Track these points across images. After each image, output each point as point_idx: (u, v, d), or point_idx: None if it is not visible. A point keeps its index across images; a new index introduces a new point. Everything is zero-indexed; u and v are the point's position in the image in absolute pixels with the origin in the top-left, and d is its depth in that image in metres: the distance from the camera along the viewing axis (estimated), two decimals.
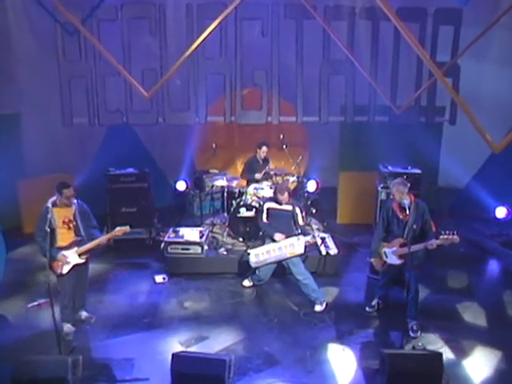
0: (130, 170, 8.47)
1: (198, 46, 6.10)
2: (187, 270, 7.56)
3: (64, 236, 5.92)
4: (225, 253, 7.61)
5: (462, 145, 9.47)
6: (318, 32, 8.52)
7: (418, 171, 7.28)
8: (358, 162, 9.44)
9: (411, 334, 6.04)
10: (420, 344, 5.94)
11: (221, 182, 8.17)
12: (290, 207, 6.79)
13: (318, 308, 6.65)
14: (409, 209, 5.84)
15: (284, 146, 8.16)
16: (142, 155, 9.49)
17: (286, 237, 6.68)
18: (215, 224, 8.49)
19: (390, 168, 7.39)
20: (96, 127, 8.93)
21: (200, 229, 7.81)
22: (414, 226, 5.90)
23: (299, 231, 6.76)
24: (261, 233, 7.26)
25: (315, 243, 6.79)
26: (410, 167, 7.43)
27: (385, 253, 6.12)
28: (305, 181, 8.77)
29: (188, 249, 7.50)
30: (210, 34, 6.03)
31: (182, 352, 5.45)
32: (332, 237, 7.92)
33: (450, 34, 8.68)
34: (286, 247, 6.61)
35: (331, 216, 9.58)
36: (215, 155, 8.28)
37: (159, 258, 7.89)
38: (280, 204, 6.81)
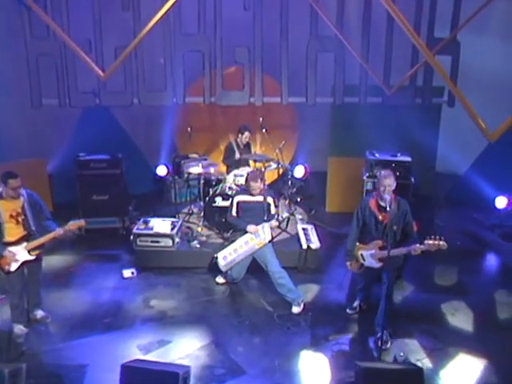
0: (102, 155, 7.92)
1: (158, 21, 5.44)
2: (157, 264, 7.06)
3: (12, 231, 5.44)
4: (198, 246, 7.09)
5: (461, 128, 8.73)
6: (305, 5, 7.81)
7: (408, 159, 6.64)
8: (349, 146, 8.81)
9: (381, 346, 5.47)
10: (401, 354, 5.39)
11: (196, 169, 7.60)
12: (261, 198, 6.23)
13: (295, 310, 6.12)
14: (389, 207, 5.23)
15: (264, 130, 7.53)
16: (120, 139, 8.93)
17: None
18: (192, 213, 7.95)
19: (377, 155, 6.74)
20: (72, 108, 8.35)
21: (172, 220, 7.28)
22: (395, 228, 5.30)
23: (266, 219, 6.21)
24: (230, 232, 6.71)
25: (280, 225, 6.23)
26: (399, 154, 6.78)
27: (362, 256, 5.53)
28: (289, 167, 8.15)
29: (158, 241, 6.99)
30: (171, 7, 5.37)
31: (133, 362, 4.96)
32: (315, 228, 7.34)
33: (449, 6, 7.89)
34: (252, 240, 6.09)
35: (320, 204, 9.00)
36: (191, 139, 7.68)
37: (131, 250, 7.34)
38: (252, 195, 6.25)
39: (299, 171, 8.91)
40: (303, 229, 7.24)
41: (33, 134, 8.60)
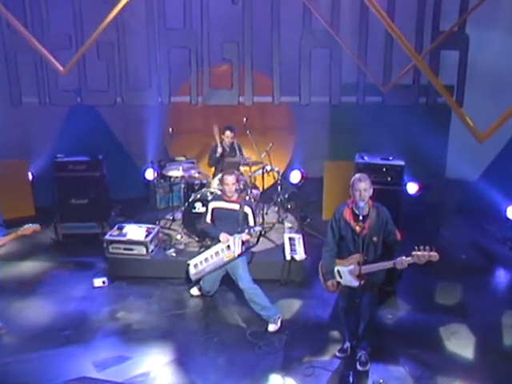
0: (82, 156, 7.53)
1: (117, 14, 4.98)
2: (130, 273, 6.59)
3: None
4: (174, 254, 6.58)
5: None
6: None
7: (401, 163, 5.98)
8: (350, 149, 8.14)
9: (358, 367, 4.86)
10: (381, 381, 4.76)
11: (175, 173, 7.10)
12: (236, 206, 5.68)
13: (271, 327, 5.54)
14: (365, 217, 4.61)
15: (248, 132, 6.98)
16: (108, 140, 8.57)
17: None
18: (173, 220, 7.46)
19: (366, 158, 6.11)
20: (59, 107, 8.01)
21: (148, 226, 6.80)
22: (375, 239, 4.70)
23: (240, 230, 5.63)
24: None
25: (249, 240, 5.61)
26: (391, 157, 6.13)
27: (338, 272, 4.85)
28: (279, 171, 7.56)
29: (131, 249, 6.52)
30: None
31: (77, 381, 4.50)
32: (303, 238, 6.74)
33: None
34: (222, 251, 5.55)
35: (317, 211, 8.38)
36: (173, 140, 7.21)
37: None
38: (228, 201, 5.72)
39: (295, 176, 8.32)
40: (290, 238, 6.66)
41: (15, 133, 8.30)
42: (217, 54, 7.52)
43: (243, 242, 5.48)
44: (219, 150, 7.28)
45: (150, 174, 8.48)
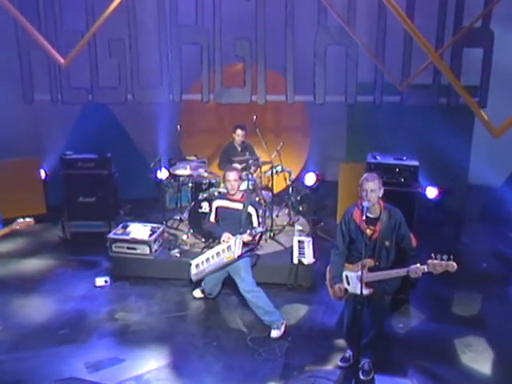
0: (91, 154, 7.44)
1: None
2: (133, 273, 6.43)
3: None
4: (178, 255, 6.38)
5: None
6: None
7: (415, 163, 5.65)
8: (366, 151, 7.80)
9: (361, 377, 4.56)
10: None
11: (183, 171, 6.92)
12: (240, 206, 5.44)
13: (274, 334, 5.28)
14: (376, 220, 4.31)
15: (257, 130, 6.74)
16: (119, 138, 8.45)
17: None
18: (182, 220, 7.28)
19: (378, 158, 5.80)
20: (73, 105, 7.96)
21: (154, 225, 6.63)
22: (387, 243, 4.39)
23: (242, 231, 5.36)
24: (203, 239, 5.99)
25: (253, 240, 5.34)
26: (405, 157, 5.80)
27: (347, 278, 4.54)
28: (291, 172, 7.29)
29: (134, 248, 6.35)
30: None
31: (65, 382, 4.33)
32: (313, 241, 6.45)
33: None
34: (223, 251, 5.31)
35: (331, 215, 8.06)
36: (183, 140, 7.03)
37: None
38: (231, 200, 5.49)
39: (310, 179, 8.04)
40: (299, 241, 6.38)
41: (29, 131, 8.28)
42: (229, 52, 7.35)
43: (244, 244, 5.23)
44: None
45: (162, 174, 8.30)
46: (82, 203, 7.39)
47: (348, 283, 4.53)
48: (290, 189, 7.26)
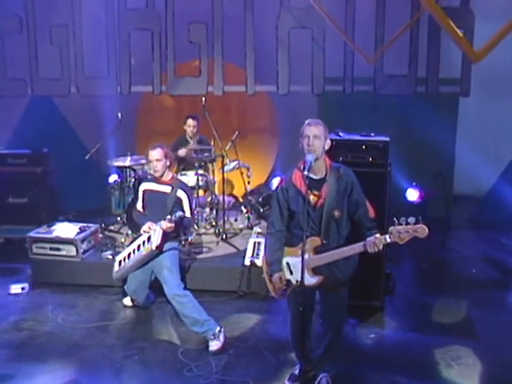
0: (24, 149, 6.55)
1: None
2: (57, 279, 5.42)
3: None
4: (110, 257, 5.38)
5: (486, 128, 6.87)
6: None
7: (385, 138, 4.77)
8: None
9: None
10: None
11: (121, 163, 6.01)
12: (167, 189, 4.51)
13: (213, 346, 4.24)
14: (320, 182, 3.40)
15: (206, 113, 5.86)
16: (64, 135, 7.28)
17: None
18: (125, 223, 6.29)
19: (341, 135, 4.92)
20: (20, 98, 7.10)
21: (85, 224, 5.67)
22: (336, 213, 3.40)
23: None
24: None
25: (174, 226, 4.30)
26: (373, 134, 4.93)
27: (288, 265, 3.53)
28: (249, 167, 6.36)
29: (58, 249, 5.37)
30: None
31: None
32: None
33: None
34: (144, 243, 4.34)
35: None
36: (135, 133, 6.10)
37: None
38: (159, 181, 4.57)
39: (276, 183, 7.11)
40: (255, 243, 5.42)
41: None
42: (183, 37, 6.61)
43: (165, 233, 4.26)
44: (180, 151, 6.14)
45: (113, 177, 7.33)
46: (11, 204, 6.43)
47: (290, 272, 3.51)
48: (248, 187, 6.31)
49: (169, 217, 4.29)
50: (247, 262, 5.19)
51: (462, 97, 6.59)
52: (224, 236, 5.84)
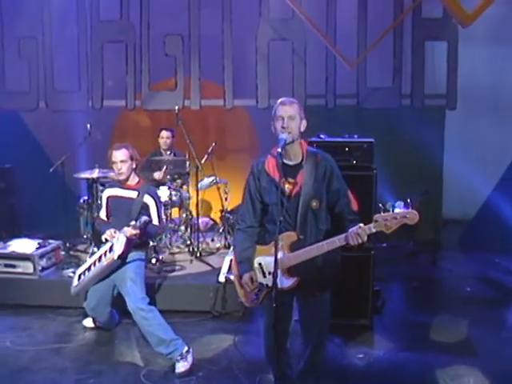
0: None
1: None
2: (11, 300, 4.83)
3: None
4: (72, 275, 4.86)
5: (476, 143, 6.57)
6: None
7: (370, 139, 4.45)
8: None
9: None
10: None
11: (87, 175, 5.56)
12: (133, 194, 4.09)
13: (180, 368, 3.73)
14: (296, 167, 3.01)
15: (179, 122, 5.49)
16: (32, 151, 6.74)
17: None
18: (92, 243, 5.78)
19: (322, 137, 4.59)
20: None
21: (46, 240, 5.19)
22: (314, 204, 2.96)
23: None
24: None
25: (139, 233, 3.84)
26: (356, 136, 4.61)
27: (261, 266, 3.05)
28: (226, 183, 5.97)
29: (13, 265, 4.86)
30: None
31: None
32: None
33: None
34: (106, 254, 3.88)
35: None
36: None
37: None
38: (123, 186, 4.16)
39: None
40: (231, 260, 4.95)
41: None
42: (158, 49, 6.36)
43: (129, 241, 3.82)
44: (156, 174, 5.74)
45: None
46: None
47: (263, 274, 3.04)
48: (226, 203, 5.89)
49: (133, 223, 3.86)
50: (222, 279, 4.72)
51: (448, 110, 6.35)
52: (198, 254, 5.38)
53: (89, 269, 4.01)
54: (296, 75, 6.29)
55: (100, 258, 3.93)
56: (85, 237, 5.87)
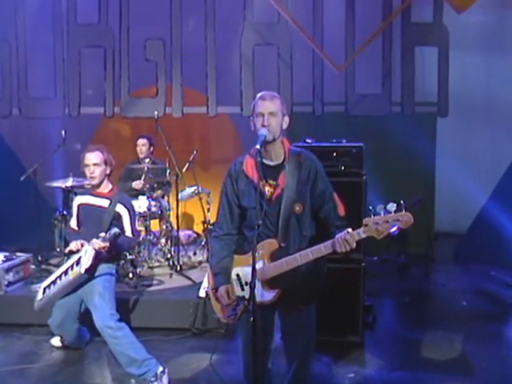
0: None
1: None
2: None
3: None
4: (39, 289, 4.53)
5: (470, 153, 6.35)
6: None
7: (359, 144, 4.21)
8: None
9: None
10: None
11: (60, 184, 5.24)
12: (105, 202, 3.78)
13: None
14: (279, 169, 2.73)
15: (159, 128, 5.22)
16: (5, 160, 6.44)
17: None
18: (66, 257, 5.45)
19: (309, 141, 4.34)
20: None
21: (14, 254, 4.86)
22: (297, 208, 2.69)
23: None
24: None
25: (108, 246, 3.53)
26: (345, 141, 4.37)
27: (238, 277, 2.76)
28: (208, 193, 5.67)
29: None
30: None
31: None
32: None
33: None
34: (72, 267, 3.57)
35: None
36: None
37: None
38: (95, 193, 3.85)
39: None
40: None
41: None
42: (138, 54, 6.12)
43: (97, 254, 3.51)
44: (135, 183, 5.47)
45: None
46: None
47: (242, 287, 2.76)
48: (209, 215, 5.59)
49: (102, 234, 3.56)
50: (202, 294, 4.32)
51: (439, 117, 6.15)
52: (179, 268, 5.07)
53: (54, 282, 3.68)
54: (282, 81, 6.07)
55: (67, 270, 3.62)
56: (58, 250, 5.53)
